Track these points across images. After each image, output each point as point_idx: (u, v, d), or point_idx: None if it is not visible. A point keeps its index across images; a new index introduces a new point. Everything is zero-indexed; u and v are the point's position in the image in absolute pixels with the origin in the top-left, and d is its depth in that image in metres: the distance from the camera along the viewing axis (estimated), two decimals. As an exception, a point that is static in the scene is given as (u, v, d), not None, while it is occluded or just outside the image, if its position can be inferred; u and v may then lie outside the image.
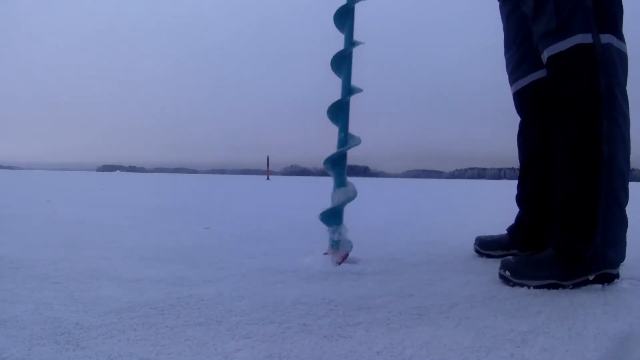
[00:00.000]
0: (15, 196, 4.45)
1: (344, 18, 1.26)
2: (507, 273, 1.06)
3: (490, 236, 1.48)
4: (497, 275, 1.10)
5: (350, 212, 1.27)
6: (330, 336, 0.71)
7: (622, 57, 1.05)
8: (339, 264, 1.20)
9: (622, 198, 1.03)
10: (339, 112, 1.25)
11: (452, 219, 2.98)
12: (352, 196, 1.24)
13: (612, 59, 1.01)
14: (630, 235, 1.07)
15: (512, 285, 1.05)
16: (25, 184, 7.83)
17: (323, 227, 1.27)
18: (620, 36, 1.04)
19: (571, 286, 1.02)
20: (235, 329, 0.73)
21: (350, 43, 1.25)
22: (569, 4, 1.03)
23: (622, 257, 1.06)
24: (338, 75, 1.27)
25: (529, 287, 1.03)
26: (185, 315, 0.79)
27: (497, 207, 4.24)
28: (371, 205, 4.05)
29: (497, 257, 1.40)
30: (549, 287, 1.02)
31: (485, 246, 1.46)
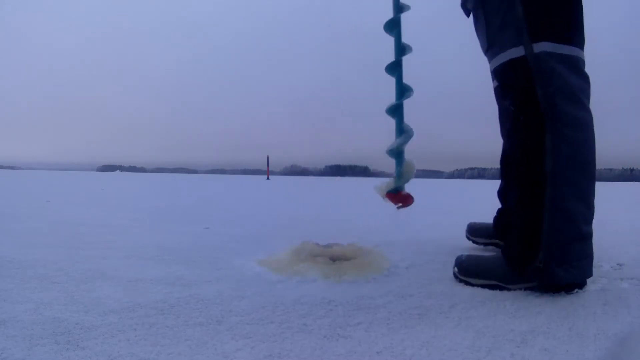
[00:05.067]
0: (15, 196, 4.45)
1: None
2: (455, 269, 1.09)
3: (480, 223, 1.56)
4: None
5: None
6: (330, 336, 0.71)
7: (568, 61, 0.95)
8: (399, 208, 1.24)
9: (575, 212, 0.94)
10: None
11: (452, 219, 2.98)
12: (410, 136, 1.26)
13: (548, 67, 0.94)
14: (630, 235, 1.07)
15: (459, 282, 1.07)
16: (25, 184, 7.83)
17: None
18: (561, 40, 0.95)
19: (513, 289, 1.01)
20: (235, 329, 0.73)
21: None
22: (497, 19, 1.01)
23: (579, 275, 0.97)
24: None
25: (473, 285, 1.04)
26: (185, 315, 0.79)
27: (497, 206, 4.23)
28: (371, 205, 4.05)
29: (481, 244, 1.51)
30: (491, 287, 1.02)
31: (473, 232, 1.55)
